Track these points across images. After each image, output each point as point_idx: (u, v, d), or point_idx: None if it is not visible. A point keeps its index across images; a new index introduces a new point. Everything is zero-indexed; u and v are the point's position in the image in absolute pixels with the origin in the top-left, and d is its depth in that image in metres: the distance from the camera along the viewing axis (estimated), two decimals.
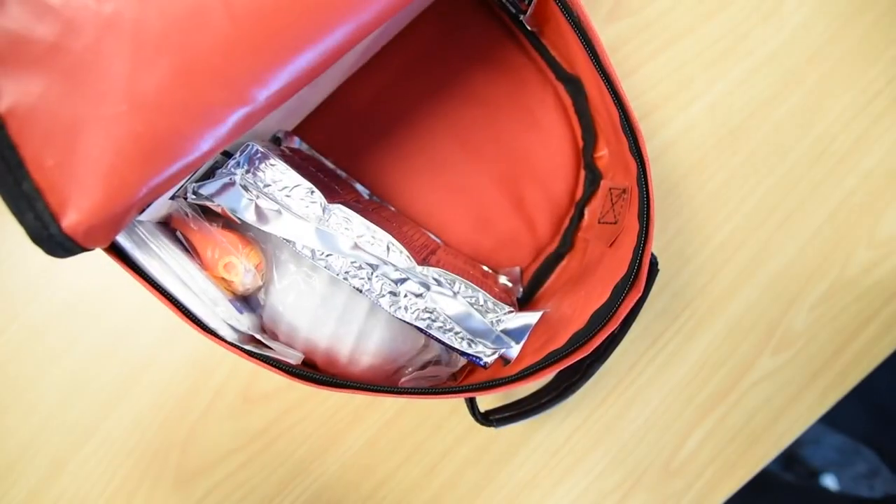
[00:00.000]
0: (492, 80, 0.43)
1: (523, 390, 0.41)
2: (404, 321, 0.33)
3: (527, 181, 0.44)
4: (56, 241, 0.25)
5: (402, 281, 0.33)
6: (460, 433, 0.46)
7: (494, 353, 0.33)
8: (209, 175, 0.33)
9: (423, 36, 0.43)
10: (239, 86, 0.26)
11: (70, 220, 0.25)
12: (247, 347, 0.32)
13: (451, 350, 0.34)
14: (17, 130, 0.24)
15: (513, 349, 0.33)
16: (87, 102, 0.24)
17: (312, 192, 0.33)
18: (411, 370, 0.38)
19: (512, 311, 0.34)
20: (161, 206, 0.32)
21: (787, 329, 0.47)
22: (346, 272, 0.32)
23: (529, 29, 0.40)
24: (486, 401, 0.45)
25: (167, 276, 0.31)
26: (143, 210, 0.29)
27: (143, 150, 0.25)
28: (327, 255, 0.32)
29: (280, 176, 0.33)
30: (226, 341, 0.32)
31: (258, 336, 0.34)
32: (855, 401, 0.48)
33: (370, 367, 0.37)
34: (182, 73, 0.25)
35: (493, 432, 0.46)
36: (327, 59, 0.28)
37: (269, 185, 0.33)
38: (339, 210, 0.33)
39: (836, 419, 0.49)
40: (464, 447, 0.46)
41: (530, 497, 0.46)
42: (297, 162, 0.35)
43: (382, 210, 0.40)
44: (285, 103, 0.29)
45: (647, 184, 0.32)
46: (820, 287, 0.47)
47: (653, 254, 0.32)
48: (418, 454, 0.46)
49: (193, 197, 0.32)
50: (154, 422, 0.44)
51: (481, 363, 0.33)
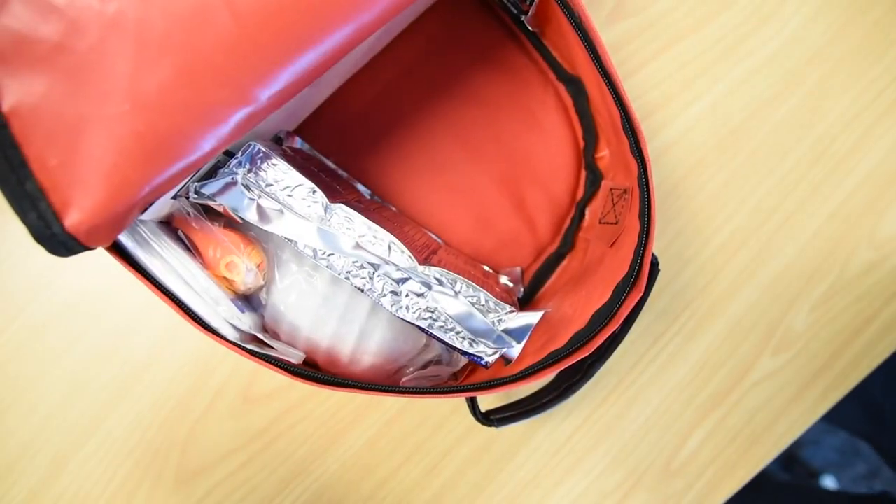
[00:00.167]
0: (493, 80, 0.43)
1: (524, 390, 0.41)
2: (406, 321, 0.33)
3: (528, 181, 0.44)
4: (58, 241, 0.25)
5: (403, 280, 0.33)
6: (461, 433, 0.46)
7: (496, 352, 0.33)
8: (211, 174, 0.33)
9: (424, 36, 0.43)
10: (241, 86, 0.26)
11: (72, 219, 0.25)
12: (248, 347, 0.32)
13: (452, 350, 0.34)
14: (20, 130, 0.24)
15: (514, 349, 0.33)
16: (91, 102, 0.24)
17: (314, 191, 0.33)
18: (412, 370, 0.38)
19: (513, 311, 0.34)
20: (163, 206, 0.32)
21: (788, 329, 0.47)
22: (348, 272, 0.32)
23: (531, 29, 0.40)
24: (487, 400, 0.45)
25: (169, 275, 0.31)
26: (145, 209, 0.29)
27: (146, 149, 0.25)
28: (329, 255, 0.32)
29: (282, 175, 0.33)
30: (227, 340, 0.32)
31: (260, 335, 0.34)
32: (853, 400, 0.48)
33: (371, 366, 0.37)
34: (184, 73, 0.25)
35: (493, 432, 0.46)
36: (329, 60, 0.28)
37: (270, 185, 0.33)
38: (341, 210, 0.33)
39: (832, 417, 0.49)
40: (465, 447, 0.46)
41: (531, 497, 0.47)
42: (299, 162, 0.35)
43: (384, 210, 0.40)
44: (287, 103, 0.29)
45: (648, 184, 0.32)
46: (820, 288, 0.47)
47: (654, 254, 0.32)
48: (419, 454, 0.46)
49: (195, 196, 0.32)
50: (155, 421, 0.44)
51: (482, 363, 0.33)
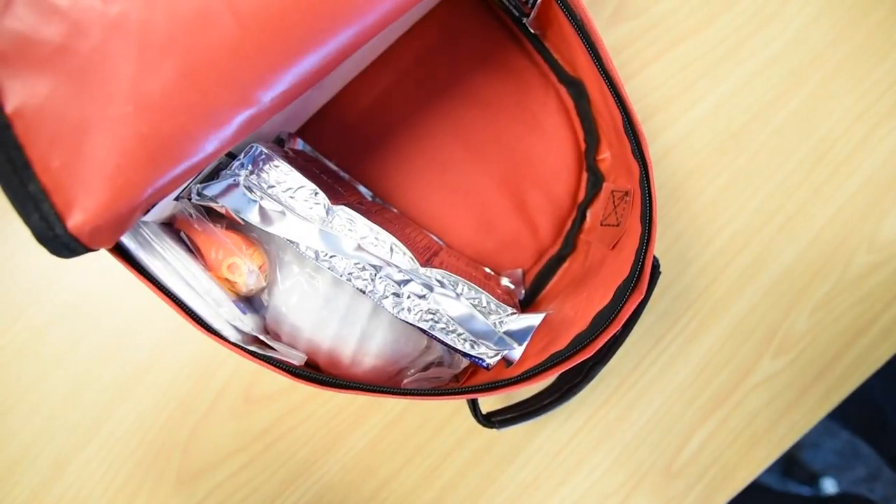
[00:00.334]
0: (494, 82, 0.43)
1: (525, 392, 0.41)
2: (407, 322, 0.33)
3: (529, 183, 0.44)
4: (61, 242, 0.25)
5: (405, 282, 0.33)
6: (462, 434, 0.46)
7: (497, 354, 0.33)
8: (213, 176, 0.33)
9: (426, 38, 0.43)
10: (244, 88, 0.26)
11: (75, 220, 0.25)
12: (250, 348, 0.32)
13: (453, 351, 0.34)
14: (23, 131, 0.24)
15: (515, 351, 0.33)
16: (94, 103, 0.25)
17: (316, 193, 0.33)
18: (414, 371, 0.38)
19: (514, 313, 0.34)
20: (165, 207, 0.32)
21: (789, 332, 0.47)
22: (350, 273, 0.32)
23: (532, 32, 0.40)
24: (488, 402, 0.45)
25: (171, 276, 0.31)
26: (147, 211, 0.29)
27: (149, 151, 0.25)
28: (331, 257, 0.32)
29: (284, 177, 0.33)
30: (229, 342, 0.32)
31: (261, 337, 0.34)
32: (853, 401, 0.48)
33: (373, 368, 0.37)
34: (187, 75, 0.25)
35: (495, 434, 0.46)
36: (332, 62, 0.28)
37: (273, 187, 0.33)
38: (343, 212, 0.33)
39: (832, 418, 0.49)
40: (466, 449, 0.46)
41: (532, 498, 0.46)
42: (301, 164, 0.35)
43: (385, 212, 0.40)
44: (289, 105, 0.29)
45: (649, 186, 0.32)
46: (821, 290, 0.47)
47: (655, 256, 0.32)
48: (420, 455, 0.46)
49: (198, 198, 0.32)
50: (156, 422, 0.44)
51: (484, 365, 0.33)
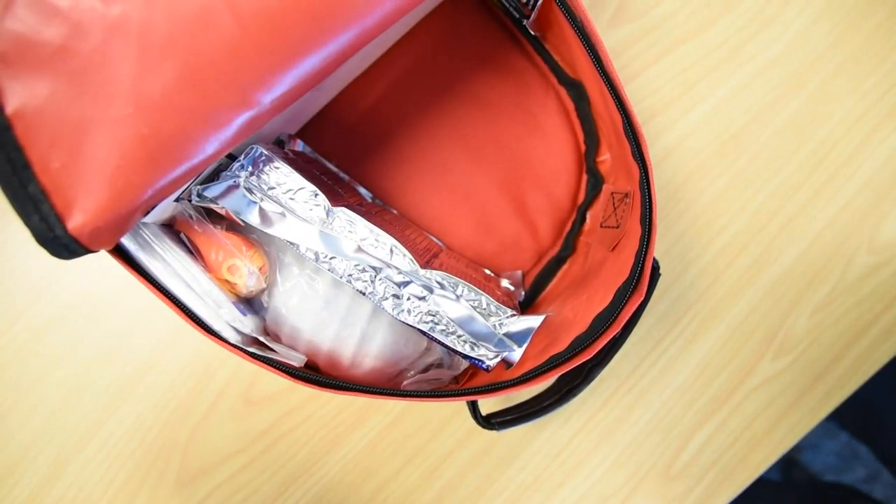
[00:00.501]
0: (494, 83, 0.43)
1: (525, 393, 0.41)
2: (407, 324, 0.33)
3: (529, 185, 0.44)
4: (61, 243, 0.25)
5: (405, 284, 0.33)
6: (462, 436, 0.46)
7: (497, 356, 0.33)
8: (213, 177, 0.33)
9: (426, 40, 0.43)
10: (244, 89, 0.26)
11: (75, 221, 0.25)
12: (250, 349, 0.32)
13: (453, 353, 0.34)
14: (23, 132, 0.24)
15: (515, 352, 0.33)
16: (94, 105, 0.25)
17: (316, 194, 0.33)
18: (413, 373, 0.38)
19: (514, 315, 0.34)
20: (165, 208, 0.32)
21: (788, 333, 0.47)
22: (350, 275, 0.32)
23: (533, 33, 0.40)
24: (487, 404, 0.45)
25: (171, 278, 0.31)
26: (147, 212, 0.29)
27: (149, 152, 0.25)
28: (331, 258, 0.32)
29: (284, 179, 0.33)
30: (229, 343, 0.32)
31: (261, 338, 0.34)
32: (850, 403, 0.48)
33: (372, 369, 0.37)
34: (187, 76, 0.25)
35: (494, 435, 0.46)
36: (331, 63, 0.28)
37: (273, 188, 0.33)
38: (343, 213, 0.33)
39: (830, 419, 0.49)
40: (465, 450, 0.46)
41: (531, 500, 0.46)
42: (301, 165, 0.35)
43: (385, 213, 0.40)
44: (289, 107, 0.29)
45: (649, 188, 0.32)
46: (821, 291, 0.47)
47: (655, 258, 0.32)
48: (420, 457, 0.46)
49: (198, 199, 0.32)
50: (156, 423, 0.44)
51: (484, 366, 0.33)
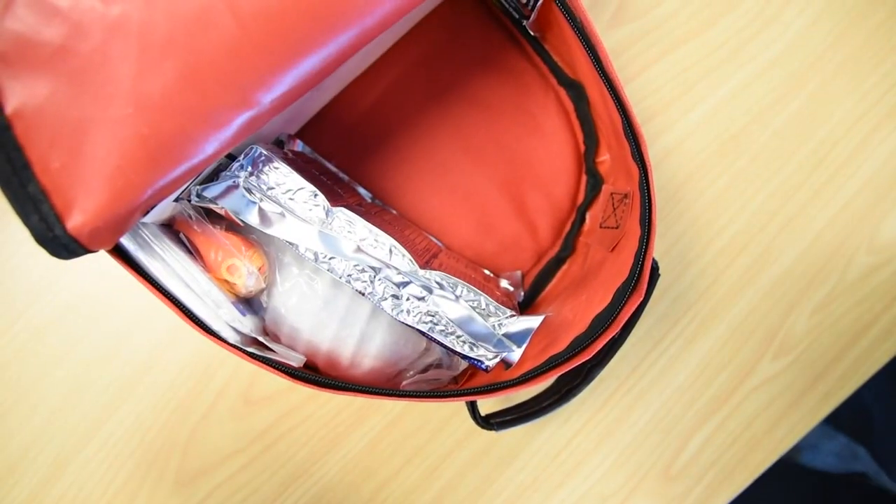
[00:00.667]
0: (494, 84, 0.43)
1: (524, 394, 0.41)
2: (406, 324, 0.33)
3: (528, 185, 0.44)
4: (60, 243, 0.25)
5: (404, 284, 0.33)
6: (461, 436, 0.46)
7: (496, 356, 0.33)
8: (213, 177, 0.33)
9: (425, 40, 0.43)
10: (244, 89, 0.26)
11: (75, 221, 0.25)
12: (249, 349, 0.32)
13: (452, 353, 0.34)
14: (23, 132, 0.24)
15: (514, 353, 0.33)
16: (94, 104, 0.25)
17: (316, 195, 0.33)
18: (413, 373, 0.38)
19: (514, 315, 0.34)
20: (165, 208, 0.32)
21: (788, 334, 0.47)
22: (349, 275, 0.32)
23: (532, 34, 0.40)
24: (487, 404, 0.45)
25: (170, 278, 0.31)
26: (147, 212, 0.29)
27: (149, 152, 0.25)
28: (330, 258, 0.32)
29: (283, 179, 0.33)
30: (228, 343, 0.32)
31: (260, 338, 0.34)
32: (843, 405, 0.48)
33: (372, 369, 0.37)
34: (187, 76, 0.25)
35: (493, 436, 0.46)
36: (331, 64, 0.28)
37: (272, 188, 0.33)
38: (343, 213, 0.33)
39: (827, 421, 0.49)
40: (465, 450, 0.46)
41: (531, 500, 0.46)
42: (301, 165, 0.35)
43: (385, 213, 0.40)
44: (289, 107, 0.29)
45: (648, 189, 0.32)
46: (821, 292, 0.47)
47: (654, 258, 0.32)
48: (419, 457, 0.46)
49: (197, 199, 0.32)
50: (156, 423, 0.44)
51: (483, 367, 0.33)
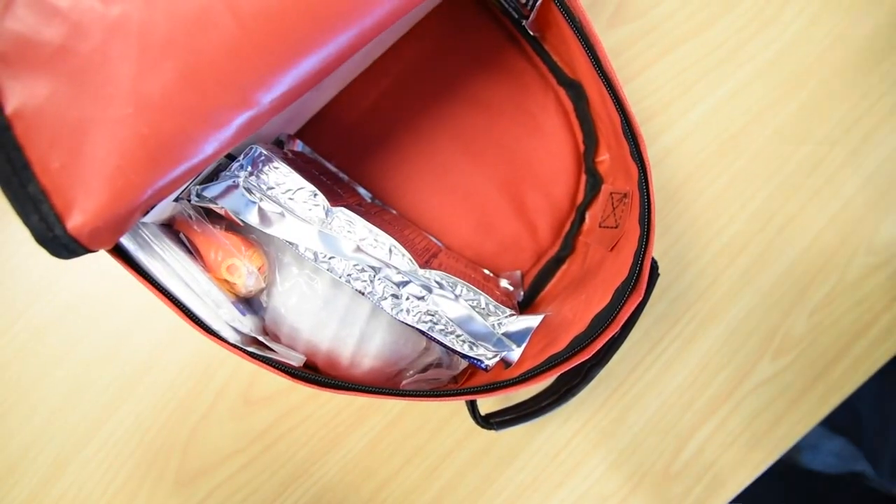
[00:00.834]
0: (494, 84, 0.44)
1: (524, 393, 0.41)
2: (406, 324, 0.33)
3: (528, 185, 0.44)
4: (60, 243, 0.25)
5: (404, 284, 0.33)
6: (461, 436, 0.46)
7: (496, 356, 0.33)
8: (213, 177, 0.33)
9: (425, 40, 0.43)
10: (243, 89, 0.26)
11: (75, 221, 0.25)
12: (249, 349, 0.32)
13: (452, 353, 0.34)
14: (23, 132, 0.24)
15: (514, 352, 0.33)
16: (94, 105, 0.25)
17: (315, 195, 0.33)
18: (412, 373, 0.38)
19: (513, 315, 0.34)
20: (165, 208, 0.32)
21: (787, 334, 0.47)
22: (349, 275, 0.32)
23: (531, 34, 0.40)
24: (486, 404, 0.45)
25: (170, 277, 0.31)
26: (147, 212, 0.29)
27: (149, 152, 0.26)
28: (330, 258, 0.32)
29: (283, 179, 0.33)
30: (228, 343, 0.32)
31: (260, 338, 0.34)
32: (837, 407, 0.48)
33: (371, 369, 0.37)
34: (187, 76, 0.25)
35: (493, 435, 0.46)
36: (331, 64, 0.28)
37: (272, 188, 0.33)
38: (342, 213, 0.33)
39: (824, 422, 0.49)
40: (464, 450, 0.46)
41: (530, 500, 0.46)
42: (300, 165, 0.35)
43: (384, 213, 0.40)
44: (289, 107, 0.29)
45: (648, 188, 0.32)
46: (820, 292, 0.47)
47: (653, 258, 0.33)
48: (419, 456, 0.46)
49: (197, 199, 0.32)
50: (155, 423, 0.44)
51: (483, 366, 0.33)
